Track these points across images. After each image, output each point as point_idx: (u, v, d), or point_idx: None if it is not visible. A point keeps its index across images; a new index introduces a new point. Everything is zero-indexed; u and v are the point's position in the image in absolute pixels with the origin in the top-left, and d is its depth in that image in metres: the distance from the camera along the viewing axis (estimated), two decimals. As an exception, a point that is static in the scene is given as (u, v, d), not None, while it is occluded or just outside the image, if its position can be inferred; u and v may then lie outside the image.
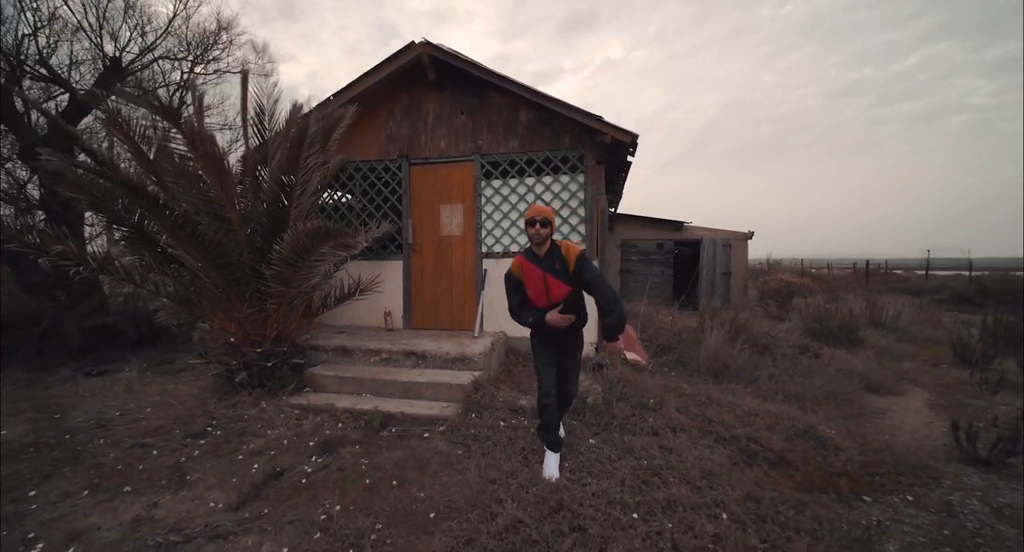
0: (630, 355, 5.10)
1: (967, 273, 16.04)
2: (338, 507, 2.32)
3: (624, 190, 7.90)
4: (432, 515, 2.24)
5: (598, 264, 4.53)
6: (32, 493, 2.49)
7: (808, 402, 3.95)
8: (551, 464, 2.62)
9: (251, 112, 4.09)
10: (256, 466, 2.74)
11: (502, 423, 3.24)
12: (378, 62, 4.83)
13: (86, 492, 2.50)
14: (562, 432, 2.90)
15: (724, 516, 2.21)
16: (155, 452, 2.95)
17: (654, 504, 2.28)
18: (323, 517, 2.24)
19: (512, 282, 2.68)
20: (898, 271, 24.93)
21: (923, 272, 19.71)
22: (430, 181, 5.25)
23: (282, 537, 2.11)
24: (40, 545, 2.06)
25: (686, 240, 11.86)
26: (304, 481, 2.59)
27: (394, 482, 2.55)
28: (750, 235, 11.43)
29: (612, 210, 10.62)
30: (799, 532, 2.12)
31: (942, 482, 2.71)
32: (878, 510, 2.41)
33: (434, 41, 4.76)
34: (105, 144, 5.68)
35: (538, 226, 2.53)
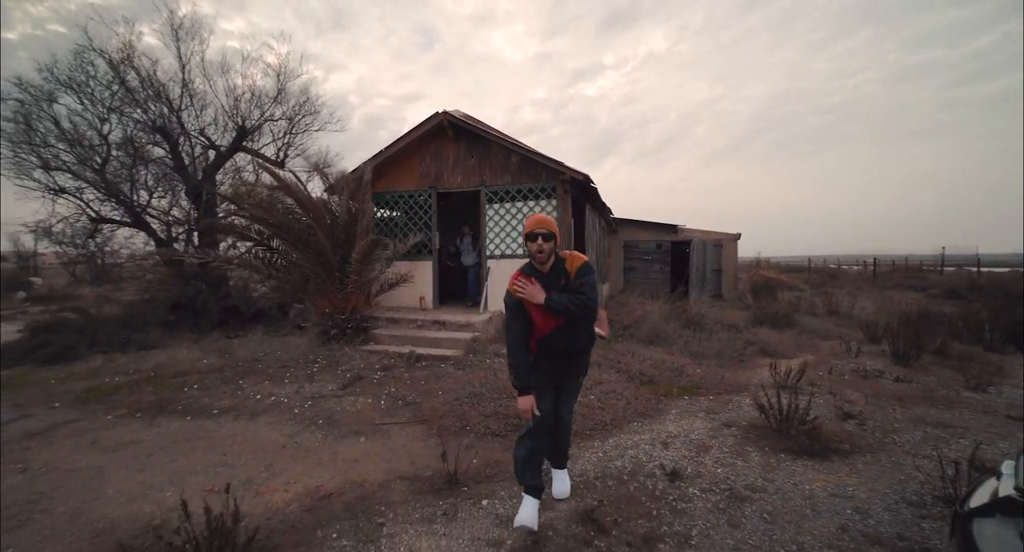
0: (597, 330, 7.03)
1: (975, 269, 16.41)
2: (393, 389, 4.50)
3: (605, 204, 9.74)
4: (440, 392, 4.37)
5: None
6: (241, 382, 4.85)
7: (700, 357, 5.76)
8: (527, 510, 2.19)
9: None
10: (348, 375, 4.97)
11: (487, 360, 5.33)
12: (413, 126, 7.06)
13: (266, 382, 4.83)
14: (567, 484, 2.57)
15: (592, 398, 4.18)
16: (292, 369, 5.26)
17: (555, 391, 4.29)
18: (386, 392, 4.43)
19: (511, 304, 2.24)
20: (933, 267, 24.71)
21: (966, 268, 19.95)
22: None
23: (367, 397, 4.31)
24: (258, 396, 4.38)
25: (683, 240, 13.41)
26: (375, 380, 4.80)
27: (422, 382, 4.71)
28: (738, 236, 12.84)
29: (612, 216, 12.38)
30: (624, 400, 4.06)
31: (741, 393, 4.51)
32: (686, 401, 4.28)
33: (450, 108, 6.91)
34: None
35: (540, 241, 2.16)
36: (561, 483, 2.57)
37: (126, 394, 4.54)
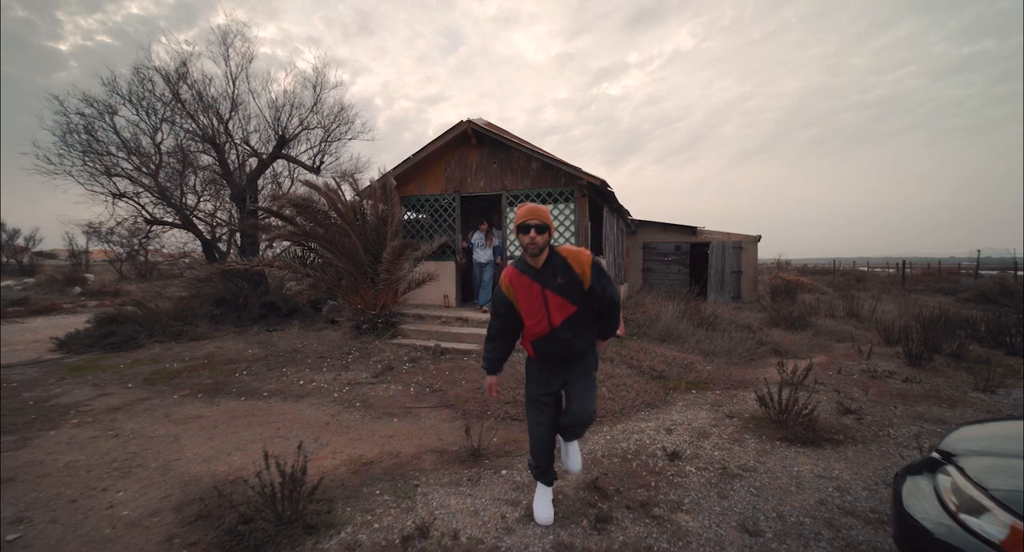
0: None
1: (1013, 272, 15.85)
2: (420, 378, 4.93)
3: (623, 207, 9.97)
4: (464, 382, 4.77)
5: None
6: (284, 369, 5.37)
7: (711, 355, 5.99)
8: (543, 503, 2.24)
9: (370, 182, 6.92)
10: (379, 365, 5.43)
11: (507, 354, 5.71)
12: (439, 133, 7.49)
13: (307, 370, 5.33)
14: (577, 463, 2.43)
15: (603, 390, 4.50)
16: (329, 360, 5.77)
17: (570, 382, 4.63)
18: (414, 381, 4.85)
19: (500, 303, 2.17)
20: (969, 271, 23.84)
21: (1009, 271, 19.19)
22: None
23: (398, 385, 4.75)
24: (301, 382, 4.87)
25: (703, 242, 13.48)
26: (404, 370, 5.24)
27: (447, 372, 5.12)
28: (758, 238, 12.84)
29: (630, 218, 12.58)
30: (634, 392, 4.37)
31: (747, 389, 4.75)
32: (693, 395, 4.56)
33: (474, 117, 7.31)
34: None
35: (532, 233, 2.00)
36: (573, 458, 2.62)
37: (186, 378, 5.11)
